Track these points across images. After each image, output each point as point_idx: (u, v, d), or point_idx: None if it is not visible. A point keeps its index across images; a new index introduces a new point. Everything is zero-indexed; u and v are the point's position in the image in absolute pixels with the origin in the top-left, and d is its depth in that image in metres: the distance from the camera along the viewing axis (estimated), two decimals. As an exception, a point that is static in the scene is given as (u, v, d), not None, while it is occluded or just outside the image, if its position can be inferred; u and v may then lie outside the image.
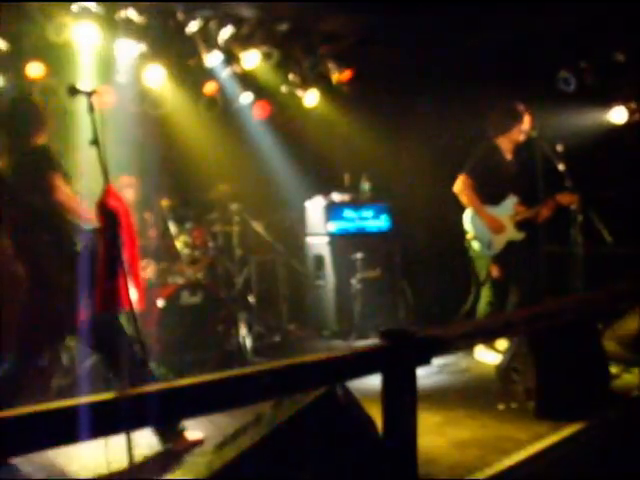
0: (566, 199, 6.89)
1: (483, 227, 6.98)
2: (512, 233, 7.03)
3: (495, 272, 6.99)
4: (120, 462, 3.89)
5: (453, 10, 7.55)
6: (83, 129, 4.44)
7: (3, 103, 5.67)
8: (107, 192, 3.65)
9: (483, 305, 7.10)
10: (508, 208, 7.06)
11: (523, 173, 7.36)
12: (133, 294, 3.60)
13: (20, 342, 4.62)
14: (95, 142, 3.67)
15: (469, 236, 7.10)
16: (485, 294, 7.09)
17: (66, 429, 2.11)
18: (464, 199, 7.02)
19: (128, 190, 7.08)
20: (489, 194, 7.02)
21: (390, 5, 7.38)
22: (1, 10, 6.51)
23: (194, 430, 4.86)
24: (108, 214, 3.58)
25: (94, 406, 2.15)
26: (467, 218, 7.11)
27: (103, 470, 4.21)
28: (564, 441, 4.60)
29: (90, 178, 4.61)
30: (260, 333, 8.15)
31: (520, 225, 7.06)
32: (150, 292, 6.77)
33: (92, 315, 4.03)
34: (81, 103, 3.90)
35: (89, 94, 3.79)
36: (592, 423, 4.78)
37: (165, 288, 7.09)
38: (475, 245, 7.06)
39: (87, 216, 4.41)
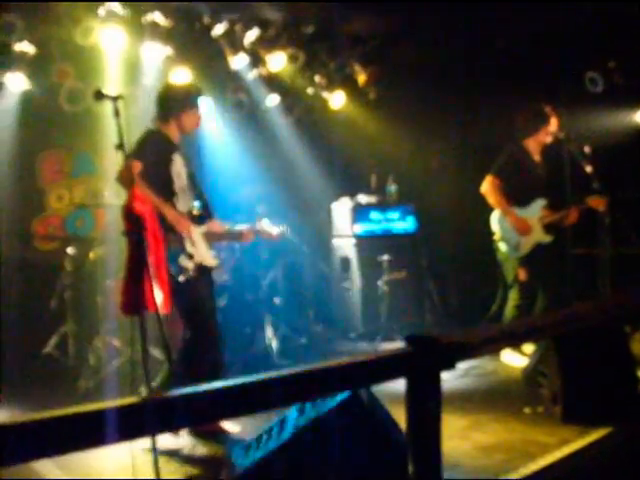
0: (595, 202, 6.82)
1: (510, 228, 6.94)
2: (540, 235, 6.98)
3: (522, 275, 6.95)
4: (144, 464, 3.91)
5: (481, 10, 7.53)
6: (111, 133, 4.48)
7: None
8: (133, 196, 3.66)
9: (510, 308, 7.06)
10: (536, 210, 7.02)
11: (551, 175, 7.32)
12: (159, 297, 3.62)
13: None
14: (121, 146, 3.69)
15: (496, 237, 7.06)
16: (512, 297, 7.05)
17: (92, 432, 2.12)
18: (491, 200, 6.98)
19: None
20: (517, 196, 6.98)
21: (416, 5, 7.37)
22: (29, 15, 6.57)
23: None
24: (134, 217, 3.60)
25: (120, 410, 2.15)
26: (494, 219, 7.07)
27: (128, 472, 4.24)
28: (591, 446, 4.57)
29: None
30: (286, 335, 8.15)
31: (548, 228, 7.01)
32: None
33: None
34: (107, 107, 3.92)
35: (115, 99, 3.81)
36: (619, 428, 4.74)
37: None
38: (502, 247, 7.02)
39: None
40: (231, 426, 5.15)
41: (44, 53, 7.06)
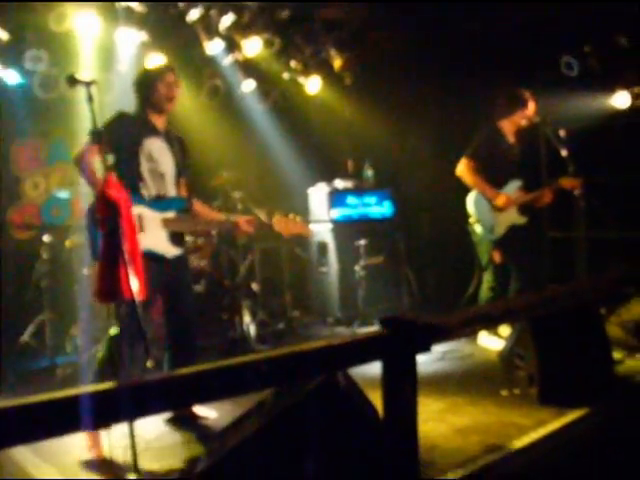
0: (569, 183, 6.86)
1: (486, 210, 6.96)
2: (515, 217, 6.99)
3: (497, 257, 6.98)
4: (122, 449, 3.91)
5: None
6: (86, 119, 4.46)
7: None
8: (107, 182, 3.65)
9: (485, 290, 7.10)
10: (511, 191, 7.03)
11: (526, 157, 7.35)
12: (134, 284, 3.61)
13: None
14: (94, 132, 3.68)
15: (472, 219, 7.08)
16: (487, 279, 7.08)
17: (69, 418, 2.12)
18: (468, 180, 6.99)
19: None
20: (492, 177, 6.98)
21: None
22: (2, 1, 6.52)
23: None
24: (109, 204, 3.59)
25: (96, 395, 2.16)
26: (470, 201, 7.08)
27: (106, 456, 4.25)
28: (567, 427, 4.61)
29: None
30: (264, 320, 8.15)
31: (523, 209, 7.03)
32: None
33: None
34: (81, 93, 3.89)
35: (88, 84, 3.78)
36: (595, 409, 4.78)
37: (168, 276, 7.09)
38: (477, 229, 7.04)
39: None
40: (207, 412, 5.16)
41: (17, 39, 7.00)
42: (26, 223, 7.66)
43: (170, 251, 5.00)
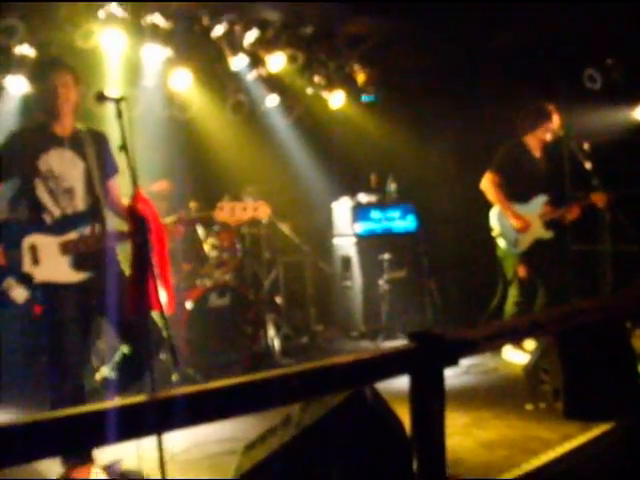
0: (598, 199, 6.84)
1: (509, 225, 6.96)
2: (540, 232, 6.99)
3: (522, 272, 6.97)
4: (150, 461, 3.93)
5: (479, 10, 7.56)
6: (110, 134, 4.50)
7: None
8: (136, 197, 3.69)
9: (510, 305, 7.08)
10: (537, 206, 7.03)
11: (551, 172, 7.34)
12: (163, 297, 3.64)
13: None
14: (124, 148, 3.71)
15: (495, 233, 7.08)
16: (512, 294, 7.07)
17: (95, 432, 2.14)
18: (490, 196, 7.00)
19: (163, 198, 7.14)
20: (517, 192, 6.99)
21: (414, 6, 7.39)
22: (29, 18, 6.59)
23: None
24: (137, 218, 3.62)
25: (123, 409, 2.18)
26: (493, 215, 7.09)
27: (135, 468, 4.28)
28: (593, 441, 4.60)
29: (119, 183, 4.66)
30: (288, 334, 8.18)
31: (549, 224, 7.02)
32: (179, 295, 6.82)
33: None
34: (108, 109, 3.94)
35: (117, 100, 3.82)
36: (621, 423, 4.76)
37: (193, 290, 7.13)
38: (501, 243, 7.04)
39: None
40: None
41: (44, 56, 7.08)
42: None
43: (74, 277, 4.44)
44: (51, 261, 4.38)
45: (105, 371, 4.76)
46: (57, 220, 4.44)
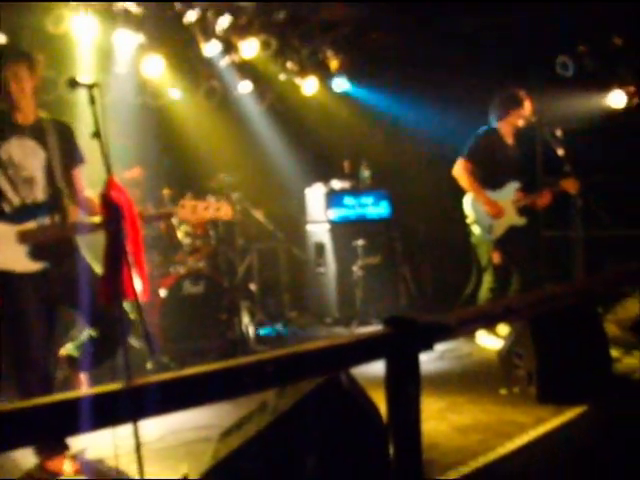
0: (569, 185, 6.89)
1: (484, 211, 6.99)
2: (514, 218, 7.02)
3: (496, 258, 7.01)
4: (126, 449, 3.92)
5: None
6: (82, 121, 4.45)
7: None
8: (110, 184, 3.66)
9: (484, 291, 7.12)
10: (509, 193, 7.06)
11: (524, 158, 7.38)
12: (138, 285, 3.63)
13: None
14: (97, 134, 3.68)
15: (469, 220, 7.11)
16: (487, 280, 7.10)
17: (71, 420, 2.13)
18: (463, 183, 7.01)
19: (135, 184, 7.12)
20: (490, 179, 7.02)
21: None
22: (0, 2, 6.51)
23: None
24: (111, 206, 3.60)
25: (98, 397, 2.17)
26: (467, 202, 7.11)
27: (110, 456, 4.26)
28: (566, 424, 4.65)
29: (93, 171, 4.62)
30: (262, 321, 8.18)
31: (521, 210, 7.06)
32: (152, 282, 6.80)
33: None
34: (81, 95, 3.90)
35: (90, 86, 3.79)
36: (594, 406, 4.82)
37: (167, 278, 7.12)
38: (476, 230, 7.07)
39: None
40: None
41: (14, 41, 7.00)
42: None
43: (31, 267, 4.39)
44: (8, 250, 4.34)
45: (70, 348, 4.70)
46: (16, 209, 4.39)
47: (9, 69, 4.39)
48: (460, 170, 7.00)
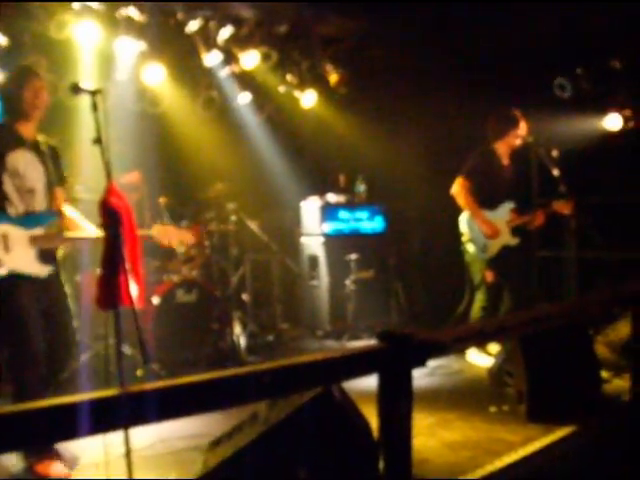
0: (562, 207, 6.93)
1: (479, 230, 7.02)
2: (507, 238, 7.06)
3: (489, 276, 7.03)
4: (115, 456, 3.92)
5: (451, 15, 7.61)
6: (82, 126, 4.48)
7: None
8: (109, 190, 3.67)
9: (476, 309, 7.14)
10: (504, 213, 7.10)
11: (519, 178, 7.41)
12: (134, 291, 3.63)
13: None
14: (98, 141, 3.69)
15: (464, 238, 7.14)
16: (479, 298, 7.13)
17: (65, 425, 2.14)
18: (461, 201, 7.05)
19: (134, 189, 7.16)
20: (485, 198, 7.05)
21: (388, 8, 7.44)
22: (2, 6, 6.53)
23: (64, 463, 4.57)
24: (110, 212, 3.61)
25: (93, 403, 2.18)
26: (463, 220, 7.14)
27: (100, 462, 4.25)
28: (555, 444, 4.66)
29: (91, 176, 4.65)
30: (254, 332, 8.18)
31: (515, 230, 7.09)
32: (146, 289, 6.80)
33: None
34: (81, 101, 3.91)
35: (92, 93, 3.80)
36: (583, 427, 4.83)
37: (160, 285, 7.12)
38: (470, 248, 7.10)
39: None
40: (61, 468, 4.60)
41: (16, 45, 7.02)
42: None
43: (39, 270, 4.64)
44: (21, 252, 4.55)
45: None
46: (22, 215, 4.62)
47: (32, 84, 4.68)
48: (459, 188, 7.04)
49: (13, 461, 4.55)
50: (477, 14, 7.51)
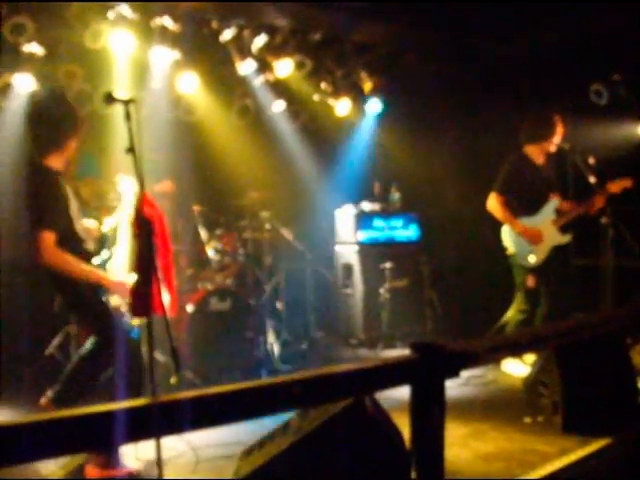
0: (618, 186, 6.83)
1: (522, 240, 6.94)
2: (556, 238, 6.96)
3: (531, 281, 6.96)
4: (148, 463, 3.93)
5: (486, 23, 7.58)
6: (116, 135, 4.50)
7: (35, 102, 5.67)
8: (142, 200, 3.69)
9: (514, 312, 7.07)
10: (548, 213, 7.00)
11: (554, 177, 7.34)
12: (166, 300, 3.65)
13: None
14: (131, 150, 3.70)
15: (508, 252, 7.07)
16: (518, 301, 7.07)
17: (99, 434, 2.14)
18: (498, 216, 6.99)
19: (167, 198, 7.20)
20: (526, 205, 6.98)
21: (423, 15, 7.42)
22: (39, 17, 6.60)
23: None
24: (143, 221, 3.62)
25: (126, 411, 2.18)
26: (505, 234, 7.07)
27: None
28: (591, 456, 4.59)
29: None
30: (287, 340, 8.18)
31: (565, 228, 7.00)
32: (180, 297, 6.82)
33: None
34: (115, 110, 3.93)
35: (126, 102, 3.81)
36: (619, 438, 4.76)
37: (194, 294, 7.13)
38: (515, 260, 7.03)
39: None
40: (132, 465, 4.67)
41: (52, 54, 7.09)
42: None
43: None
44: None
45: None
46: (92, 252, 4.80)
47: (78, 133, 4.79)
48: (494, 203, 6.98)
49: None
50: (510, 21, 7.48)
